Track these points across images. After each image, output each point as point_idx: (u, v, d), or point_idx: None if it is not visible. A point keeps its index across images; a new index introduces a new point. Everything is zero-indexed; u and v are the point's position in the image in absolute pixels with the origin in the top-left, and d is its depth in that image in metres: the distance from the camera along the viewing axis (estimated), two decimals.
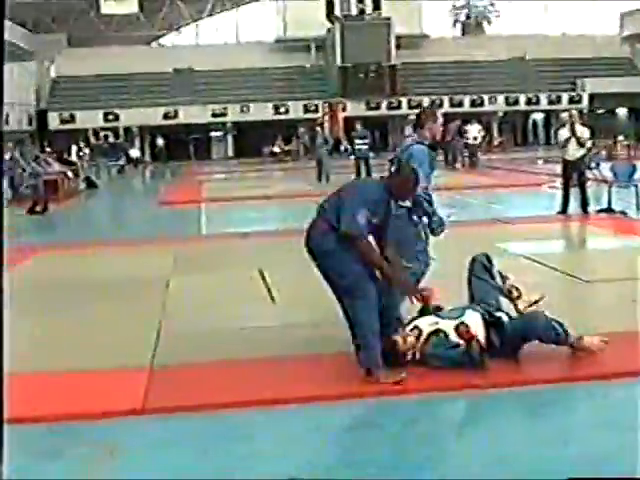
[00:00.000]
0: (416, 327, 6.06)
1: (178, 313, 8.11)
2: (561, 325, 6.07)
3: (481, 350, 5.86)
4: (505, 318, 6.15)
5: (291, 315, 7.93)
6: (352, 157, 26.40)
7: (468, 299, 6.49)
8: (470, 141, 31.24)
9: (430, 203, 7.05)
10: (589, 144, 15.69)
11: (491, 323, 6.08)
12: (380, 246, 6.13)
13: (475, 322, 6.06)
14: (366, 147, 25.36)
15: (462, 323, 5.96)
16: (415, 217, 6.87)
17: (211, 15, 65.26)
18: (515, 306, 6.39)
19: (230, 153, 52.01)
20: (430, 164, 7.13)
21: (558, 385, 5.68)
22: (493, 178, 24.78)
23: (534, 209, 16.95)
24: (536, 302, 6.41)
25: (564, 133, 15.15)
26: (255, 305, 8.40)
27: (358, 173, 24.93)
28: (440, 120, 7.29)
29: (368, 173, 24.72)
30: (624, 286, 8.70)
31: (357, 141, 25.60)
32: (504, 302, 6.40)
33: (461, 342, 5.86)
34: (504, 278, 6.66)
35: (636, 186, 15.23)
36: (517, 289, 6.56)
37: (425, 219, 6.98)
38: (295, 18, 53.81)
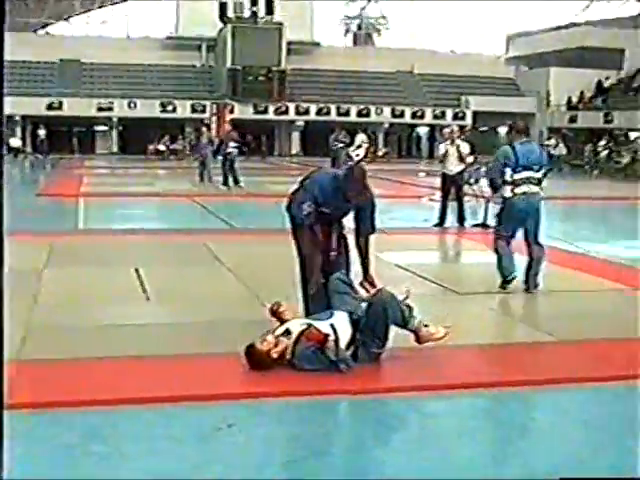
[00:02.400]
0: (287, 329, 6.12)
1: (49, 307, 7.95)
2: (409, 307, 6.28)
3: (337, 350, 5.95)
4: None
5: (164, 313, 7.89)
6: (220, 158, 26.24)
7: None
8: (353, 149, 31.53)
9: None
10: (469, 160, 16.05)
11: (356, 321, 6.19)
12: (338, 234, 7.04)
13: (343, 321, 6.19)
14: (237, 151, 25.35)
15: (310, 326, 6.06)
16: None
17: (102, 7, 64.28)
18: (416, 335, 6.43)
19: (114, 149, 51.26)
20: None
21: (415, 394, 5.76)
22: (376, 188, 25.04)
23: (413, 220, 17.22)
24: (438, 339, 6.41)
25: (443, 147, 15.52)
26: (128, 302, 8.31)
27: (225, 175, 24.87)
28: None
29: (234, 175, 24.70)
30: (493, 299, 8.97)
31: (230, 144, 25.50)
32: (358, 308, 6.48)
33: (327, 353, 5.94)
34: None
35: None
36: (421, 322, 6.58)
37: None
38: (188, 16, 53.49)
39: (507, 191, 9.39)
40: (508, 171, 9.35)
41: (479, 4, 63.16)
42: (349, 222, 7.18)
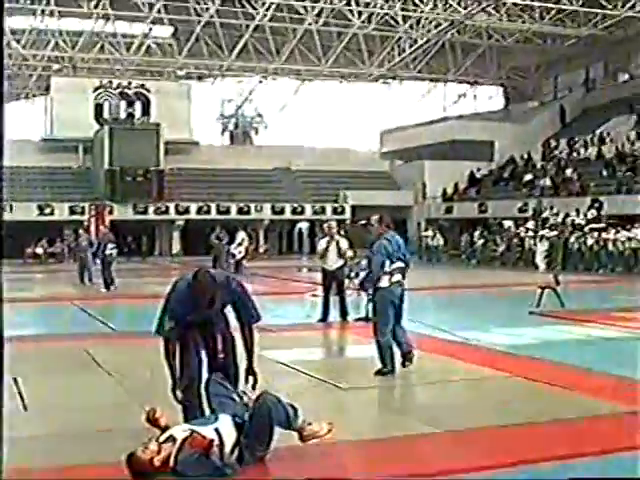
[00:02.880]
0: (170, 436, 6.04)
1: None
2: (294, 408, 6.31)
3: (222, 455, 5.91)
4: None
5: (42, 424, 7.68)
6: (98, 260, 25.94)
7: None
8: (234, 248, 31.63)
9: None
10: (349, 254, 16.29)
11: (240, 424, 6.17)
12: (223, 334, 7.06)
13: (227, 425, 6.17)
14: (115, 251, 25.16)
15: (193, 432, 6.02)
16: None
17: None
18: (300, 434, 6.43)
19: None
20: None
21: None
22: (257, 285, 25.09)
23: (296, 317, 17.29)
24: (321, 436, 6.43)
25: (323, 243, 15.73)
26: (6, 415, 8.04)
27: (105, 277, 24.56)
28: None
29: (110, 276, 24.49)
30: (378, 392, 9.04)
31: (109, 245, 25.28)
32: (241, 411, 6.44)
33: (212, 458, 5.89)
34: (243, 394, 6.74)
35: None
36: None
37: None
38: (63, 118, 53.16)
39: (385, 281, 9.62)
40: (387, 262, 9.60)
41: (353, 101, 64.68)
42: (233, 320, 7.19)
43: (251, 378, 6.95)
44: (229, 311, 7.13)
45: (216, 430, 6.05)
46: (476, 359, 10.99)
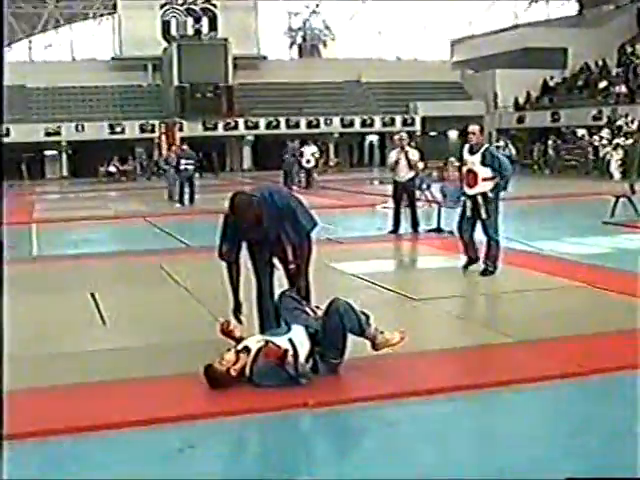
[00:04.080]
0: (245, 346, 6.13)
1: (5, 337, 7.84)
2: (365, 315, 6.32)
3: (297, 365, 5.97)
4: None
5: (122, 338, 7.83)
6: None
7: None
8: (304, 163, 31.65)
9: None
10: (420, 166, 16.15)
11: (312, 334, 6.21)
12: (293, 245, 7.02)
13: (300, 335, 6.23)
14: (192, 167, 25.22)
15: (267, 342, 6.09)
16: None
17: (44, 31, 63.82)
18: (373, 342, 6.46)
19: (65, 173, 50.81)
20: None
21: (376, 403, 5.78)
22: (328, 198, 25.11)
23: (367, 229, 17.28)
24: (394, 344, 6.46)
25: (393, 155, 15.60)
26: (85, 328, 8.26)
27: (181, 193, 24.82)
28: None
29: (191, 192, 24.71)
30: (451, 303, 9.03)
31: (183, 161, 25.41)
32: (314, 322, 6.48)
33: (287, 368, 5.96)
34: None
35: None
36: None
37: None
38: (131, 37, 53.20)
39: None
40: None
41: (422, 11, 63.49)
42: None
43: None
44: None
45: (290, 340, 6.12)
46: (550, 269, 10.88)
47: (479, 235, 10.75)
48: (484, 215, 10.34)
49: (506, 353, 6.95)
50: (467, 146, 10.62)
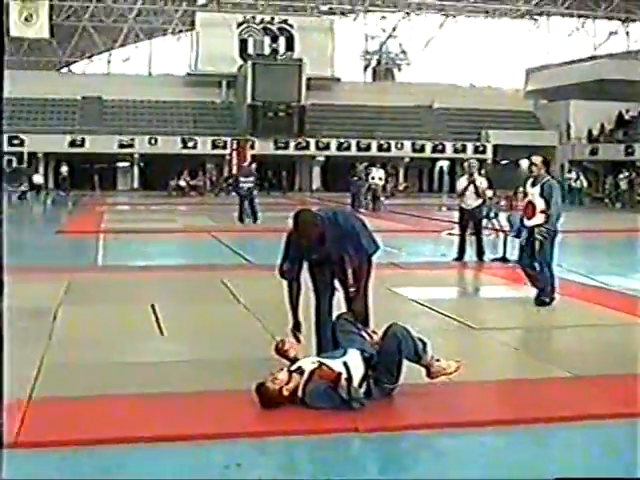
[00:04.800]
0: (299, 367, 6.10)
1: (64, 345, 7.94)
2: (423, 342, 6.25)
3: (350, 388, 5.92)
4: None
5: (178, 351, 7.85)
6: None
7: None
8: (372, 185, 31.74)
9: None
10: (488, 194, 16.02)
11: (368, 358, 6.15)
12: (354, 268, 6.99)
13: (355, 359, 6.16)
14: (251, 185, 25.09)
15: (321, 364, 6.05)
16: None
17: (123, 45, 64.92)
18: (428, 370, 6.41)
19: (136, 185, 51.53)
20: None
21: (428, 431, 5.69)
22: (395, 222, 25.03)
23: (432, 255, 17.16)
24: (449, 374, 6.38)
25: (462, 182, 15.51)
26: (143, 339, 8.30)
27: (241, 211, 24.85)
28: None
29: (253, 211, 24.68)
30: (511, 334, 8.90)
31: (241, 179, 25.47)
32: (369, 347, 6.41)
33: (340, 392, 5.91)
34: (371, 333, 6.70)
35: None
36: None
37: None
38: (208, 53, 53.91)
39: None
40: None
41: (498, 39, 63.23)
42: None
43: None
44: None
45: (344, 363, 6.07)
46: (615, 304, 10.67)
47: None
48: (537, 246, 10.30)
49: (563, 388, 6.80)
50: (531, 179, 10.62)
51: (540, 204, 10.27)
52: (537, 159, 10.56)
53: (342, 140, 50.73)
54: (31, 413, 5.77)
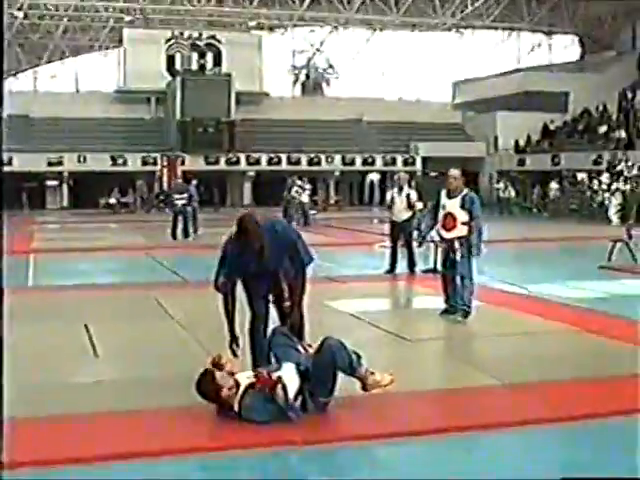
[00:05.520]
0: (235, 381, 6.14)
1: None
2: (357, 355, 6.35)
3: (287, 396, 6.00)
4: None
5: (111, 370, 7.85)
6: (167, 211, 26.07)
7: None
8: (301, 199, 31.83)
9: None
10: (419, 206, 16.20)
11: (303, 372, 6.22)
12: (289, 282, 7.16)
13: (290, 372, 6.24)
14: (183, 202, 24.96)
15: (257, 374, 6.14)
16: None
17: (50, 62, 64.23)
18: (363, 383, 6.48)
19: (65, 203, 50.87)
20: None
21: (364, 442, 5.78)
22: (326, 236, 25.13)
23: (364, 268, 17.30)
24: (384, 386, 6.46)
25: (390, 195, 15.73)
26: (77, 360, 8.26)
27: (174, 227, 24.70)
28: None
29: (185, 227, 24.62)
30: (442, 344, 9.05)
31: (175, 195, 25.39)
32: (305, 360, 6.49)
33: (277, 399, 5.98)
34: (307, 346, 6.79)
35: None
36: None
37: None
38: (136, 70, 53.54)
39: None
40: None
41: (425, 52, 63.91)
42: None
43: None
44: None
45: (279, 378, 6.13)
46: (542, 312, 10.91)
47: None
48: (458, 258, 10.28)
49: (493, 396, 6.96)
50: (444, 190, 10.57)
51: (462, 216, 10.29)
52: (455, 172, 10.59)
53: (272, 155, 50.77)
54: None
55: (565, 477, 4.31)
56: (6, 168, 48.10)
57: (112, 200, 46.51)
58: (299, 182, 32.75)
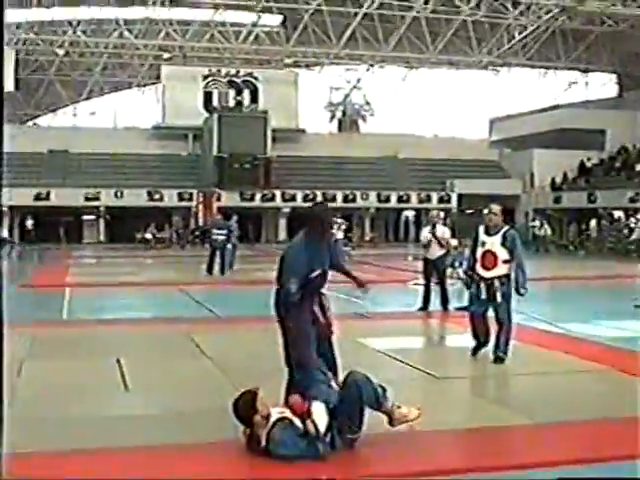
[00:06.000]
0: (268, 412, 6.14)
1: (28, 400, 7.91)
2: (383, 389, 6.34)
3: (317, 430, 5.99)
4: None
5: (142, 405, 7.87)
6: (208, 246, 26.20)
7: None
8: (336, 235, 31.86)
9: None
10: (453, 243, 16.15)
11: (332, 410, 6.21)
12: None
13: (319, 410, 6.20)
14: (223, 237, 25.04)
15: (292, 397, 6.14)
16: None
17: (89, 98, 65.09)
18: (390, 417, 6.46)
19: (102, 238, 51.33)
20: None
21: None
22: (360, 272, 25.02)
23: (397, 305, 17.26)
24: (411, 420, 6.44)
25: (425, 233, 15.67)
26: (108, 394, 8.30)
27: (210, 262, 24.73)
28: None
29: (222, 263, 24.69)
30: (473, 383, 8.99)
31: (214, 231, 25.50)
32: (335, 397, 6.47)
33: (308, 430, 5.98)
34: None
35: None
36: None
37: None
38: (174, 106, 54.18)
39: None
40: None
41: (462, 89, 64.09)
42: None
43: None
44: None
45: (310, 409, 6.13)
46: (577, 351, 10.79)
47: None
48: (499, 299, 9.92)
49: (524, 435, 6.90)
50: (483, 227, 10.22)
51: (503, 254, 9.93)
52: (496, 207, 10.20)
53: (308, 191, 50.96)
54: None
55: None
56: (44, 202, 48.73)
57: (148, 235, 46.83)
58: (339, 221, 32.83)
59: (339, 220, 33.35)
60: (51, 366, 9.74)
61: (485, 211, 10.38)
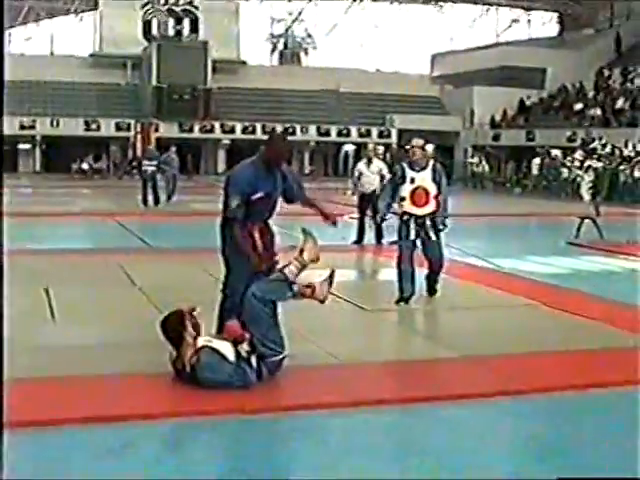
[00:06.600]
0: (197, 334, 6.11)
1: None
2: (284, 274, 6.39)
3: (250, 357, 6.03)
4: None
5: (68, 335, 7.79)
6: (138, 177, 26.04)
7: None
8: None
9: None
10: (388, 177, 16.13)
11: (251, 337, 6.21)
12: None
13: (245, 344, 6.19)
14: (152, 168, 24.81)
15: (231, 320, 6.25)
16: None
17: (24, 24, 63.53)
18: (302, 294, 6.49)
19: (37, 167, 50.54)
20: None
21: (318, 411, 5.77)
22: (296, 206, 24.96)
23: (332, 238, 17.24)
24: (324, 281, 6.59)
25: (359, 166, 15.69)
26: (34, 324, 8.20)
27: (144, 194, 24.62)
28: None
29: (155, 194, 24.55)
30: (402, 316, 9.07)
31: (144, 162, 25.27)
32: None
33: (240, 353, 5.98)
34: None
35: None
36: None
37: None
38: (111, 34, 53.12)
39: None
40: None
41: (404, 25, 63.77)
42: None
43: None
44: None
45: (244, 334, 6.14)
46: (507, 287, 10.93)
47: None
48: (434, 236, 9.61)
49: (449, 368, 6.98)
50: (406, 162, 9.72)
51: (433, 190, 9.53)
52: (419, 141, 9.69)
53: (247, 123, 50.56)
54: None
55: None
56: None
57: (85, 165, 46.23)
58: None
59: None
60: None
61: (407, 146, 9.95)
